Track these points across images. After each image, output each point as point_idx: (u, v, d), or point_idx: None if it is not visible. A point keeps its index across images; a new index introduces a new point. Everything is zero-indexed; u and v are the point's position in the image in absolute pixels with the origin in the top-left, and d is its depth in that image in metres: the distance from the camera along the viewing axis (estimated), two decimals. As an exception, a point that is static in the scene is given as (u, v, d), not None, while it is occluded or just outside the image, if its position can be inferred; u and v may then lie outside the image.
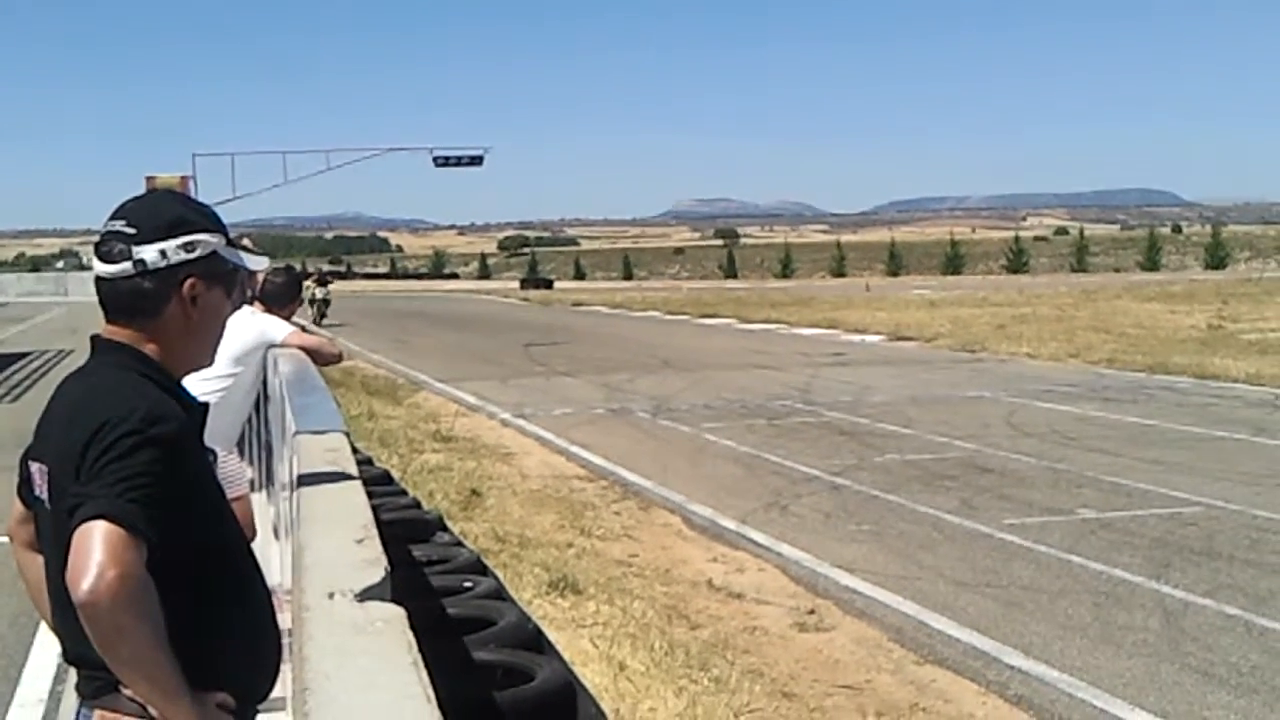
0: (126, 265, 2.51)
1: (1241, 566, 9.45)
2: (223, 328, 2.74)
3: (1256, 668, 7.33)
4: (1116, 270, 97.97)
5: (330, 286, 46.21)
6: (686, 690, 6.67)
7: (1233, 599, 8.60)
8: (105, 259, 2.53)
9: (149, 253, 2.51)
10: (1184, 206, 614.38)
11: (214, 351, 2.75)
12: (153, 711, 2.37)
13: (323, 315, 43.30)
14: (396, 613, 1.95)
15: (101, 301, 2.59)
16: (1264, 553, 9.82)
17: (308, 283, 38.44)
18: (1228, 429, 16.18)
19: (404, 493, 7.60)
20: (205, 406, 2.67)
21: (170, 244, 2.53)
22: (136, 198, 2.70)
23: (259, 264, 2.95)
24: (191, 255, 2.56)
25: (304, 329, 7.11)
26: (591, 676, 6.33)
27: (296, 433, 3.92)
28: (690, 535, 10.97)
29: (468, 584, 4.96)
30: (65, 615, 2.40)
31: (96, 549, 2.19)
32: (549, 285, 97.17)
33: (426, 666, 1.70)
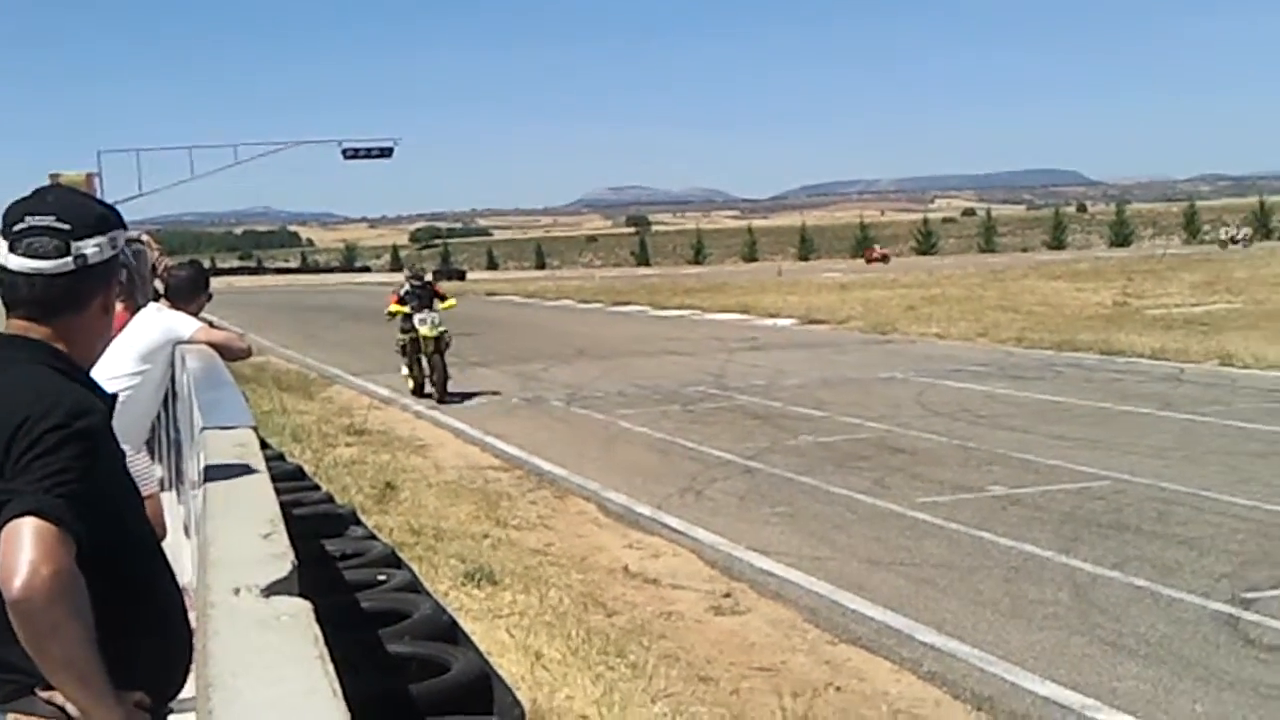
0: (66, 261, 2.47)
1: (1149, 538, 9.60)
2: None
3: (1165, 638, 7.44)
4: (1024, 250, 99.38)
5: (445, 306, 21.50)
6: (604, 677, 6.68)
7: (1141, 570, 8.72)
8: (36, 255, 2.47)
9: (89, 248, 2.49)
10: (1089, 185, 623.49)
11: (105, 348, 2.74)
12: (72, 711, 2.35)
13: (445, 379, 19.93)
14: (303, 606, 1.94)
15: (14, 298, 2.53)
16: (1171, 524, 9.98)
17: (393, 305, 21.36)
18: (1134, 403, 16.45)
19: (317, 488, 7.59)
20: (114, 398, 2.64)
21: (103, 240, 2.52)
22: (44, 191, 2.64)
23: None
24: (115, 251, 2.56)
25: (211, 325, 7.04)
26: (508, 666, 6.32)
27: (204, 428, 3.89)
28: (606, 522, 10.98)
29: (382, 577, 4.96)
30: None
31: (28, 546, 2.16)
32: (462, 276, 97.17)
33: (334, 660, 1.70)
